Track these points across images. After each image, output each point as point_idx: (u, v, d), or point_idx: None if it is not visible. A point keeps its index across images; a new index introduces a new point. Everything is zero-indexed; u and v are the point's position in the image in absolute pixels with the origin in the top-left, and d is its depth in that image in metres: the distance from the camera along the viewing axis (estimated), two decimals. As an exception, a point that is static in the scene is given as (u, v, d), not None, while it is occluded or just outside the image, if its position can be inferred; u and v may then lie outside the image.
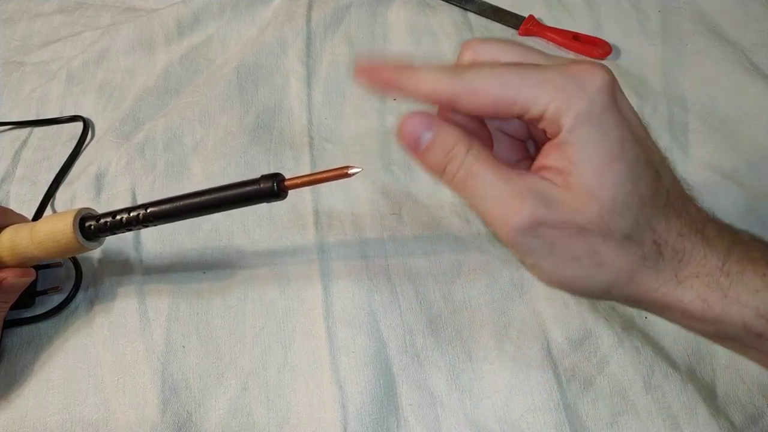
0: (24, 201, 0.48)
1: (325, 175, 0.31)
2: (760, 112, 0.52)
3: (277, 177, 0.32)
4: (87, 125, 0.53)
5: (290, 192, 0.43)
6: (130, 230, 0.36)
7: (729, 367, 0.37)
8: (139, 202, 0.47)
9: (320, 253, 0.43)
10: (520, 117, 0.26)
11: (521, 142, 0.31)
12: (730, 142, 0.50)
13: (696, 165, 0.49)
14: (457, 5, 0.62)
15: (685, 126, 0.52)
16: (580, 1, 0.62)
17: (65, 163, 0.50)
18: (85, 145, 0.52)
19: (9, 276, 0.36)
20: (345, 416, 0.36)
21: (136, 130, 0.52)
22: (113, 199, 0.47)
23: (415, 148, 0.27)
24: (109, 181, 0.48)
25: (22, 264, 0.37)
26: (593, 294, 0.27)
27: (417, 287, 0.41)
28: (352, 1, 0.61)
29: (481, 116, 0.28)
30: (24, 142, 0.52)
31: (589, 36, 0.58)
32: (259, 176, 0.32)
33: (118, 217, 0.35)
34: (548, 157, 0.25)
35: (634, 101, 0.52)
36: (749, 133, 0.51)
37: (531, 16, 0.60)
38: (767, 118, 0.51)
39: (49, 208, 0.47)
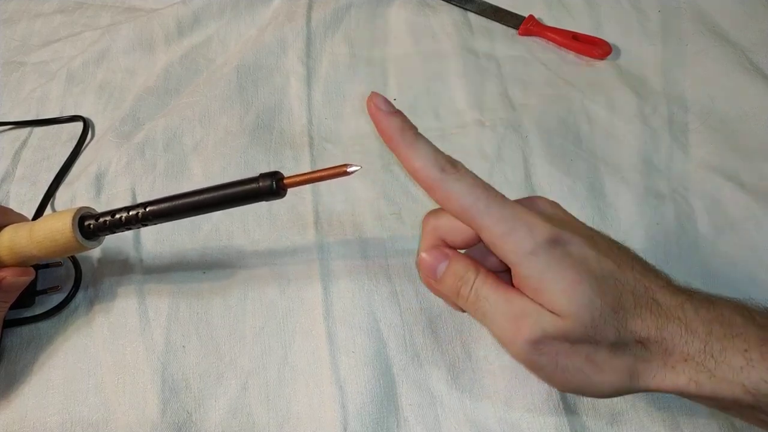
0: (24, 201, 0.48)
1: (323, 173, 0.31)
2: (760, 111, 0.52)
3: (275, 175, 0.32)
4: (87, 125, 0.53)
5: (290, 192, 0.43)
6: (130, 229, 0.36)
7: None
8: (139, 201, 0.47)
9: (320, 253, 0.43)
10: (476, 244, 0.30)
11: None
12: (730, 142, 0.50)
13: (696, 165, 0.49)
14: (457, 5, 0.62)
15: (685, 126, 0.52)
16: (580, 1, 0.62)
17: (65, 162, 0.50)
18: (85, 145, 0.52)
19: (8, 275, 0.36)
20: (345, 416, 0.36)
21: (136, 130, 0.52)
22: (113, 199, 0.47)
23: (433, 277, 0.31)
24: (109, 181, 0.48)
25: (21, 263, 0.37)
26: (607, 396, 0.29)
27: (417, 287, 0.41)
28: (352, 1, 0.61)
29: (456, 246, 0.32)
30: (24, 142, 0.52)
31: (589, 36, 0.58)
32: (258, 174, 0.32)
33: (117, 216, 0.35)
34: (520, 284, 0.29)
35: (633, 101, 0.53)
36: (749, 133, 0.51)
37: (531, 16, 0.60)
38: (767, 118, 0.51)
39: (48, 208, 0.47)
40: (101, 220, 0.35)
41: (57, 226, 0.35)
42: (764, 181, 0.47)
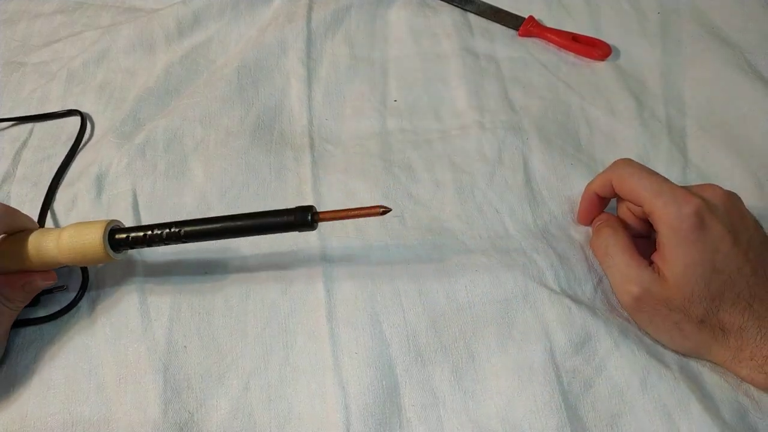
0: (25, 201, 0.48)
1: (357, 212, 0.35)
2: (759, 113, 0.52)
3: (311, 209, 0.35)
4: (84, 120, 0.53)
5: (292, 194, 0.44)
6: (159, 246, 0.37)
7: (714, 370, 0.38)
8: (140, 203, 0.47)
9: (323, 254, 0.43)
10: (639, 206, 0.38)
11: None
12: (729, 144, 0.50)
13: (694, 167, 0.49)
14: (457, 6, 0.62)
15: (684, 128, 0.52)
16: (580, 2, 0.62)
17: (65, 158, 0.50)
18: (84, 140, 0.52)
19: (36, 278, 0.38)
20: (348, 417, 0.36)
21: (136, 131, 0.52)
22: (114, 200, 0.47)
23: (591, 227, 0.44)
24: (110, 182, 0.48)
25: (44, 267, 0.39)
26: (685, 354, 0.38)
27: (420, 288, 0.41)
28: (353, 1, 0.61)
29: (622, 197, 0.40)
30: (24, 143, 0.52)
31: (589, 37, 0.58)
32: (294, 207, 0.35)
33: (150, 233, 0.37)
34: (657, 251, 0.37)
35: (632, 103, 0.53)
36: (747, 135, 0.51)
37: (531, 17, 0.60)
38: (766, 120, 0.52)
39: (49, 211, 0.47)
40: (132, 236, 0.37)
41: (88, 239, 0.36)
42: (761, 187, 0.48)
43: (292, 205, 0.35)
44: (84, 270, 0.42)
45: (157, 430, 0.36)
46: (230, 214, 0.36)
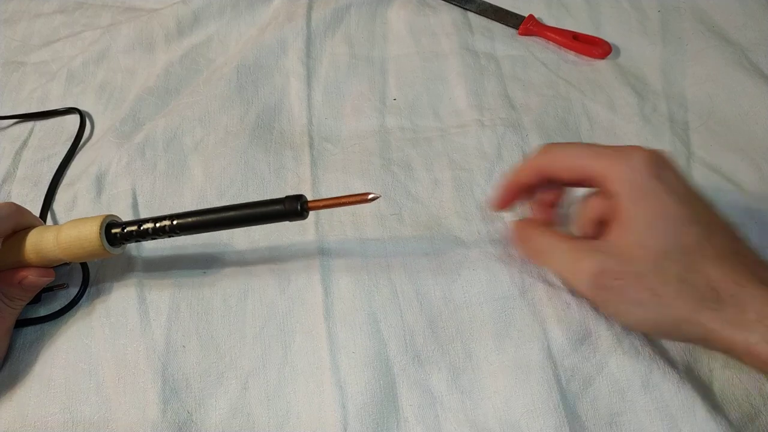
0: (26, 201, 0.48)
1: (345, 199, 0.35)
2: (760, 111, 0.52)
3: (301, 198, 0.35)
4: (83, 117, 0.53)
5: (291, 192, 0.43)
6: (154, 239, 0.38)
7: (726, 366, 0.37)
8: (140, 202, 0.47)
9: (321, 253, 0.43)
10: (584, 181, 0.34)
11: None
12: (730, 141, 0.50)
13: (696, 164, 0.49)
14: (457, 5, 0.62)
15: (686, 125, 0.52)
16: (580, 1, 0.62)
17: (65, 156, 0.50)
18: (84, 139, 0.52)
19: (31, 275, 0.38)
20: (345, 416, 0.36)
21: (136, 130, 0.52)
22: (114, 200, 0.47)
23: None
24: (110, 182, 0.48)
25: (44, 265, 0.39)
26: (665, 332, 0.32)
27: (417, 287, 0.41)
28: (352, 1, 0.61)
29: (561, 180, 0.36)
30: (24, 142, 0.52)
31: (589, 36, 0.58)
32: (284, 196, 0.35)
33: (144, 227, 0.37)
34: (609, 216, 0.33)
35: (634, 100, 0.53)
36: (749, 133, 0.51)
37: (531, 16, 0.60)
38: (767, 118, 0.51)
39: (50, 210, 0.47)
40: (127, 229, 0.38)
41: (84, 233, 0.37)
42: (764, 181, 0.47)
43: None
44: (84, 269, 0.43)
45: (156, 429, 0.36)
46: (222, 205, 0.37)
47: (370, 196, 0.34)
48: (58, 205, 0.48)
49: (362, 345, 0.38)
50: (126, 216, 0.45)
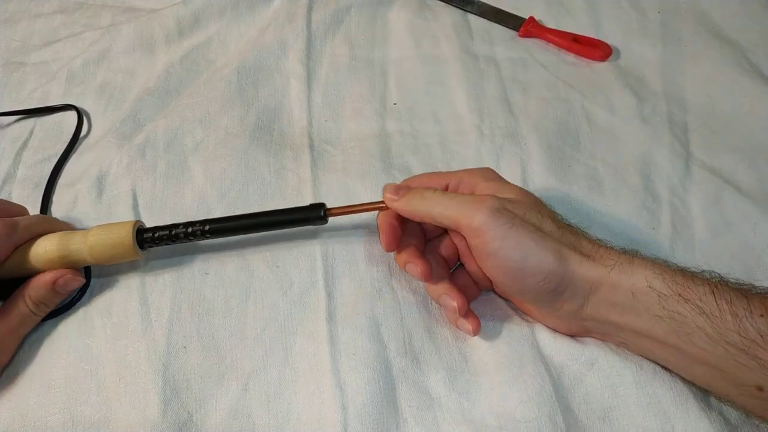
0: (26, 202, 0.47)
1: (364, 207, 0.40)
2: (760, 111, 0.52)
3: (323, 206, 0.40)
4: (81, 114, 0.53)
5: (292, 195, 0.44)
6: (184, 242, 0.40)
7: None
8: (140, 203, 0.47)
9: (323, 256, 0.43)
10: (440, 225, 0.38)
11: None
12: (729, 142, 0.51)
13: (696, 165, 0.49)
14: (457, 7, 0.62)
15: (685, 126, 0.52)
16: (581, 3, 0.62)
17: (63, 152, 0.50)
18: (82, 137, 0.52)
19: (66, 275, 0.39)
20: (345, 417, 0.36)
21: (136, 131, 0.52)
22: (114, 201, 0.47)
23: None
24: (110, 183, 0.48)
25: (70, 267, 0.40)
26: (547, 274, 0.34)
27: (417, 293, 0.42)
28: (353, 2, 0.61)
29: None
30: (25, 143, 0.52)
31: (590, 38, 0.58)
32: (308, 204, 0.40)
33: (176, 231, 0.40)
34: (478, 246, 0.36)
35: (633, 102, 0.53)
36: (748, 133, 0.51)
37: (531, 18, 0.60)
38: (766, 118, 0.52)
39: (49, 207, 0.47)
40: (158, 234, 0.40)
41: (118, 238, 0.39)
42: (764, 181, 0.48)
43: (292, 205, 0.39)
44: (86, 268, 0.43)
45: (156, 429, 0.36)
46: (250, 212, 0.41)
47: (388, 203, 0.38)
48: (58, 205, 0.48)
49: (363, 347, 0.38)
50: (126, 217, 0.45)
